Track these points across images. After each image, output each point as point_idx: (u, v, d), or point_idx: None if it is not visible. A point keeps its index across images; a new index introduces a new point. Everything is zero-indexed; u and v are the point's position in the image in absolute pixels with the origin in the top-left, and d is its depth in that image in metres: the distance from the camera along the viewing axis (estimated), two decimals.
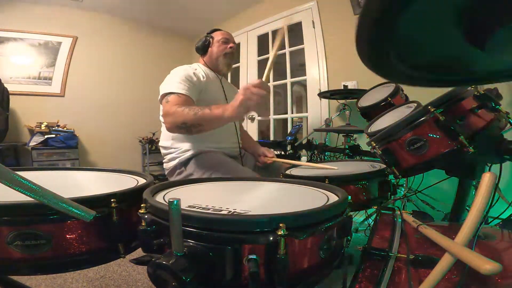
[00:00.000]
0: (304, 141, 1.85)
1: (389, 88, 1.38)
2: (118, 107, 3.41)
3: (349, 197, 0.54)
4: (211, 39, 1.36)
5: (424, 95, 1.02)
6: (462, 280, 0.43)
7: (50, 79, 3.01)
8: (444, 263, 0.41)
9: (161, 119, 1.29)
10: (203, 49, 1.37)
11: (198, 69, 1.30)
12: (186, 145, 1.22)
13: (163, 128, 1.31)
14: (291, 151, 1.76)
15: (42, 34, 2.94)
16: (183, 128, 1.03)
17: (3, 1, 2.74)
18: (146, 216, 0.46)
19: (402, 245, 0.56)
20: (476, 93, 0.75)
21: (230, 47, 1.36)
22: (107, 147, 3.31)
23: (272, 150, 1.38)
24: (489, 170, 0.83)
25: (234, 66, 1.39)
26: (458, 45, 0.28)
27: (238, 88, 1.29)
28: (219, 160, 1.17)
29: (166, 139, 1.28)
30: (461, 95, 0.74)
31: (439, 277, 0.40)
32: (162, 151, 1.31)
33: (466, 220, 0.42)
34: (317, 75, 2.50)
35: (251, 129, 2.96)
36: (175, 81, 1.15)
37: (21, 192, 0.32)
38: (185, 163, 1.21)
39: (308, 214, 0.43)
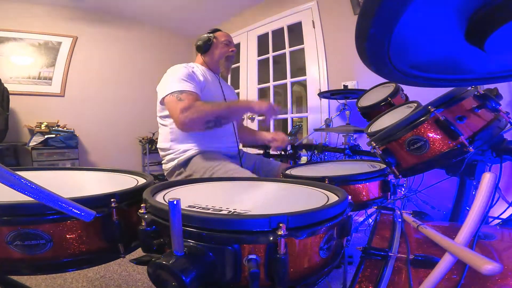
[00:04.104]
0: (304, 141, 1.85)
1: (389, 88, 1.37)
2: (118, 107, 3.40)
3: (349, 197, 0.54)
4: (214, 40, 1.35)
5: (424, 95, 1.02)
6: (462, 280, 0.43)
7: (50, 79, 3.01)
8: (444, 263, 0.41)
9: (162, 121, 1.28)
10: (205, 48, 1.35)
11: (196, 68, 1.29)
12: (185, 146, 1.22)
13: (162, 130, 1.30)
14: (291, 151, 1.76)
15: (42, 34, 2.94)
16: (211, 122, 1.10)
17: (3, 1, 2.74)
18: (146, 216, 0.46)
19: (402, 245, 0.56)
20: (476, 93, 0.75)
21: (232, 51, 1.38)
22: (107, 147, 3.31)
23: (281, 133, 1.43)
24: (489, 170, 0.83)
25: (233, 66, 1.41)
26: (458, 45, 0.28)
27: (235, 88, 1.33)
28: (218, 160, 1.17)
29: (165, 140, 1.27)
30: (461, 95, 0.74)
31: (439, 277, 0.40)
32: (161, 152, 1.30)
33: (466, 220, 0.42)
34: (317, 75, 2.50)
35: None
36: (179, 79, 1.15)
37: (21, 192, 0.32)
38: (184, 164, 1.21)
39: (308, 214, 0.43)
